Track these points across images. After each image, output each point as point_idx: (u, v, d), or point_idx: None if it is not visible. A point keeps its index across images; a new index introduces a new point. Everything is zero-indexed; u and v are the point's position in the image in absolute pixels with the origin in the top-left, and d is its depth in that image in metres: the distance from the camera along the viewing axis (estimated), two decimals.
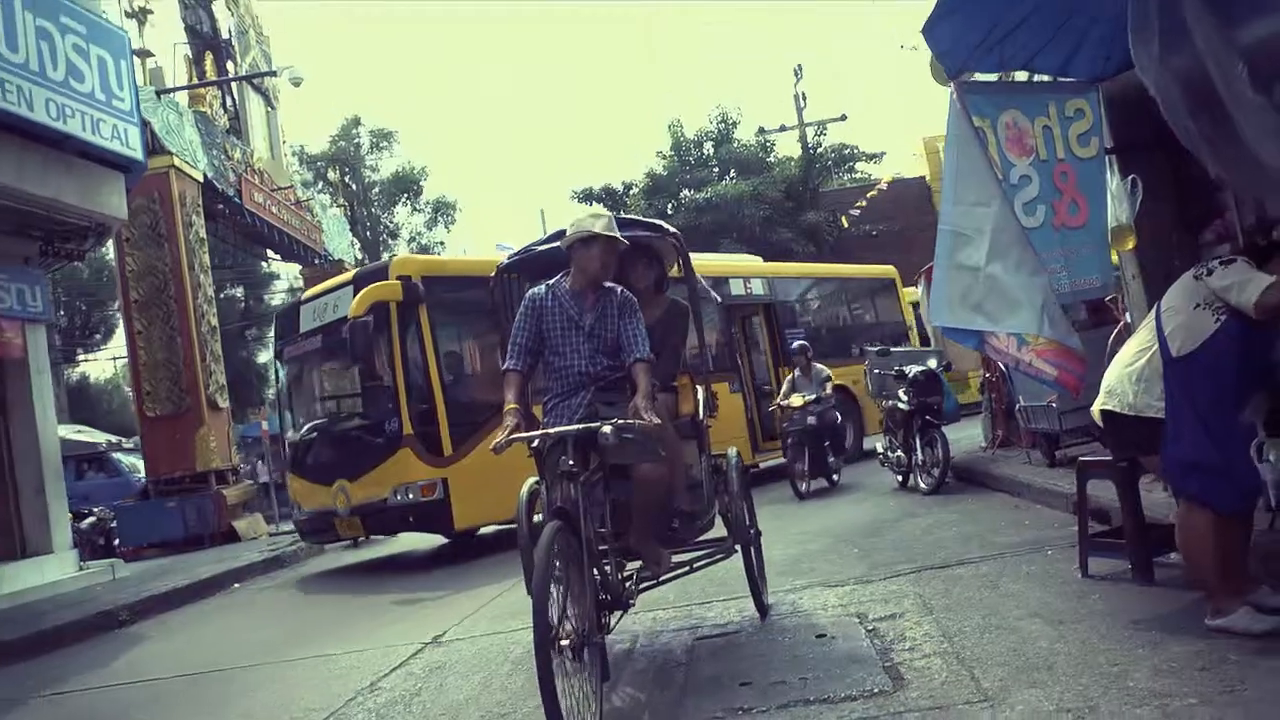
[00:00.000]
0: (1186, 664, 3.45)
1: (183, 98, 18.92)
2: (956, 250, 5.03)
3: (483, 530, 10.58)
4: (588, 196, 30.77)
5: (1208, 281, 3.87)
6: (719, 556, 5.11)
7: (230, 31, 22.74)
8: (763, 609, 5.21)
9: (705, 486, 5.08)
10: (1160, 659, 3.54)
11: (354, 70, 67.72)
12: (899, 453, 10.17)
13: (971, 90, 5.08)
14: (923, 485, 9.56)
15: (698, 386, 5.40)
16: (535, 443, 4.09)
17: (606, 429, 3.80)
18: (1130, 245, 5.70)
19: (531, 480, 4.76)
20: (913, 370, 9.95)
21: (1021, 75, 5.74)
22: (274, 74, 19.35)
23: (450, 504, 9.70)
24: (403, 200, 37.20)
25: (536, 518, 4.61)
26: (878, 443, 11.33)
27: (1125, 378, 4.17)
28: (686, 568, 4.90)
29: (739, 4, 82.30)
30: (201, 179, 18.24)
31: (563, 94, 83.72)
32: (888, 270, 18.16)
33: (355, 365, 10.14)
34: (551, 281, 4.63)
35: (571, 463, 3.88)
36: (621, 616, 4.35)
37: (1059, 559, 5.43)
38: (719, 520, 5.18)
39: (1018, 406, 9.07)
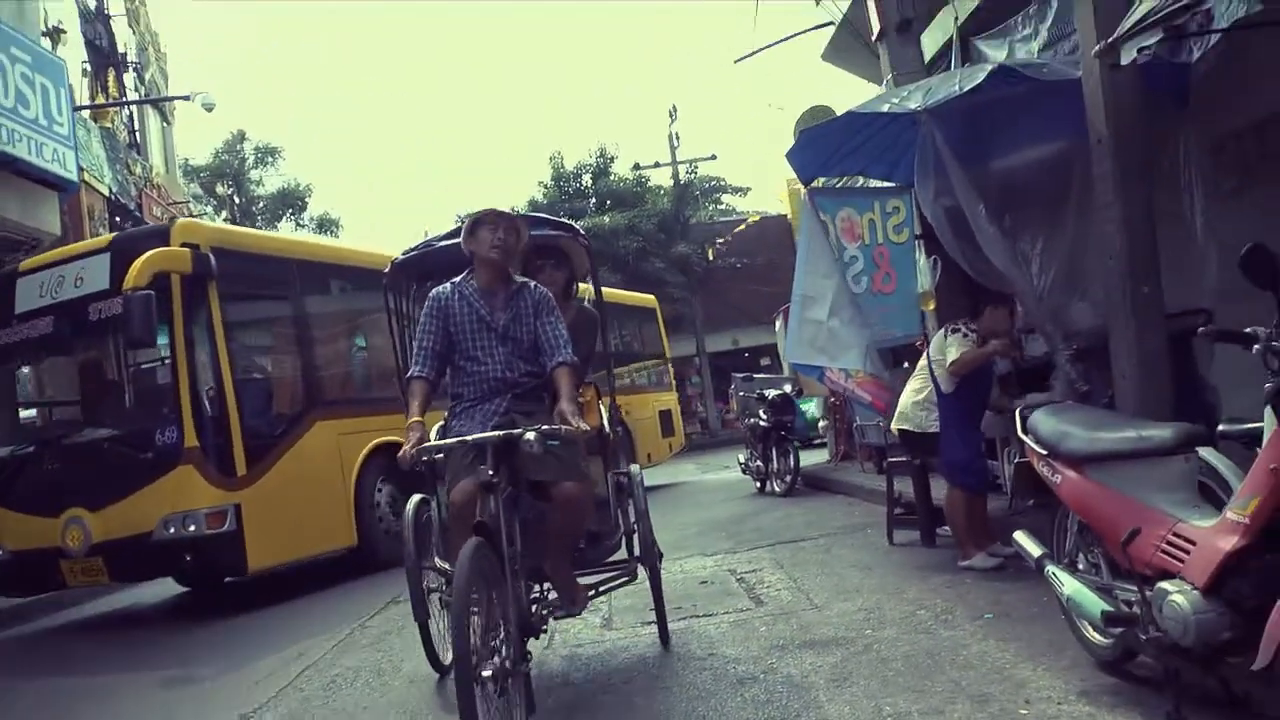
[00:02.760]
0: (941, 585, 5.43)
1: (86, 113, 19.63)
2: (806, 309, 6.96)
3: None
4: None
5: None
6: (624, 580, 4.75)
7: (128, 48, 23.39)
8: (666, 637, 4.87)
9: (612, 505, 4.78)
10: (927, 584, 5.52)
11: (240, 85, 66.93)
12: (758, 462, 12.17)
13: (819, 194, 7.04)
14: (777, 489, 11.58)
15: (600, 400, 5.13)
16: (426, 455, 3.73)
17: (530, 435, 3.38)
18: (931, 306, 7.76)
19: (417, 497, 4.72)
20: (771, 393, 12.00)
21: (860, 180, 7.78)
22: (187, 99, 20.22)
23: (243, 537, 7.58)
24: (287, 215, 37.79)
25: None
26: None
27: (912, 406, 6.17)
28: (592, 591, 4.52)
29: (619, 45, 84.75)
30: (107, 193, 19.03)
31: (446, 119, 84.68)
32: (649, 299, 17.94)
33: (133, 350, 8.07)
34: (457, 280, 4.21)
35: (491, 473, 3.44)
36: (527, 643, 3.75)
37: (875, 535, 7.42)
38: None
39: (855, 425, 11.19)
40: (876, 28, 8.03)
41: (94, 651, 7.14)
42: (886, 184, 7.63)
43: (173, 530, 7.39)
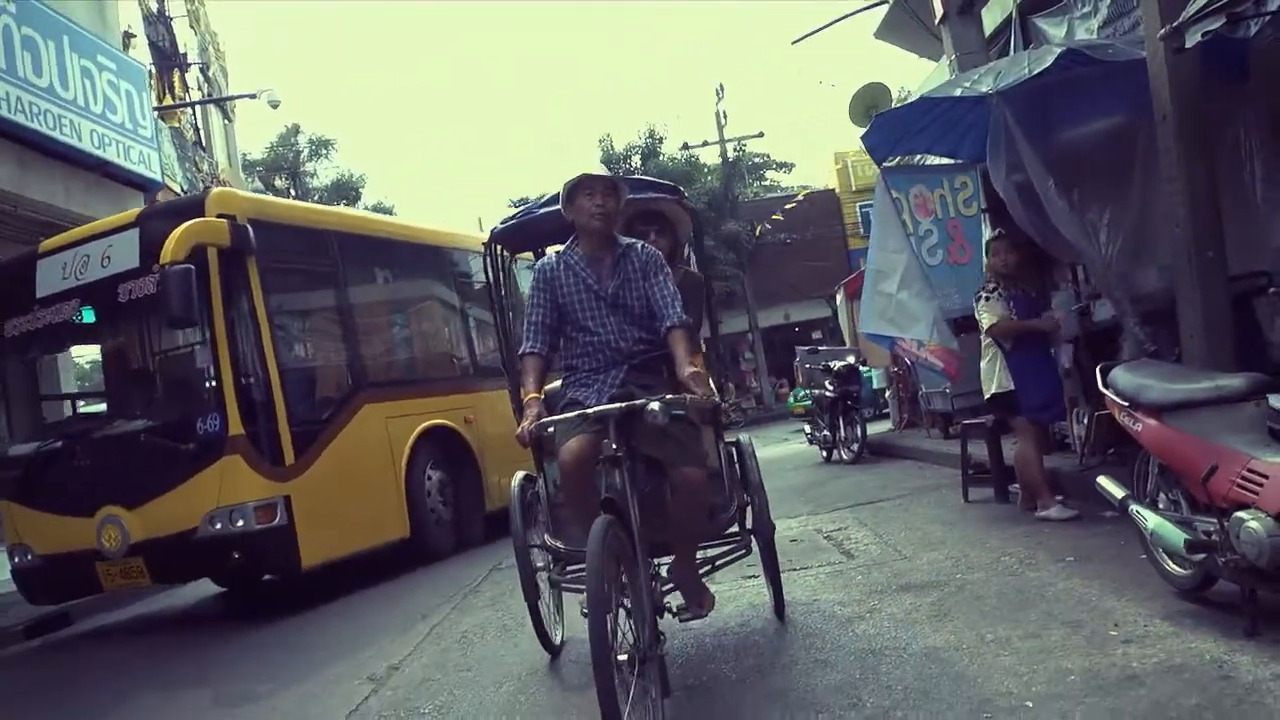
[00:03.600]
0: (1021, 535, 5.84)
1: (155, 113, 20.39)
2: (878, 282, 7.36)
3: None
4: (524, 204, 32.71)
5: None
6: (740, 553, 4.59)
7: (188, 48, 24.13)
8: (781, 609, 4.76)
9: (725, 477, 4.51)
10: (1007, 534, 5.93)
11: (295, 78, 68.04)
12: (825, 431, 12.59)
13: (891, 173, 7.43)
14: (845, 457, 12.01)
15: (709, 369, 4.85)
16: (545, 432, 3.62)
17: (655, 405, 3.22)
18: None
19: (521, 473, 4.68)
20: (836, 364, 12.41)
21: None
22: (254, 97, 20.90)
23: (295, 532, 7.13)
24: (342, 205, 38.62)
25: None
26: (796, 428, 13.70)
27: (987, 371, 6.56)
28: (709, 566, 4.47)
29: (664, 25, 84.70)
30: (180, 191, 19.79)
31: (499, 105, 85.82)
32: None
33: (174, 329, 7.55)
34: (562, 249, 4.11)
35: (616, 446, 3.35)
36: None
37: (949, 495, 7.82)
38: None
39: (920, 393, 11.57)
40: (940, 12, 8.35)
41: (209, 639, 7.12)
42: (952, 160, 8.00)
43: (219, 526, 6.92)
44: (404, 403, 8.83)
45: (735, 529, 4.62)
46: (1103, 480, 4.26)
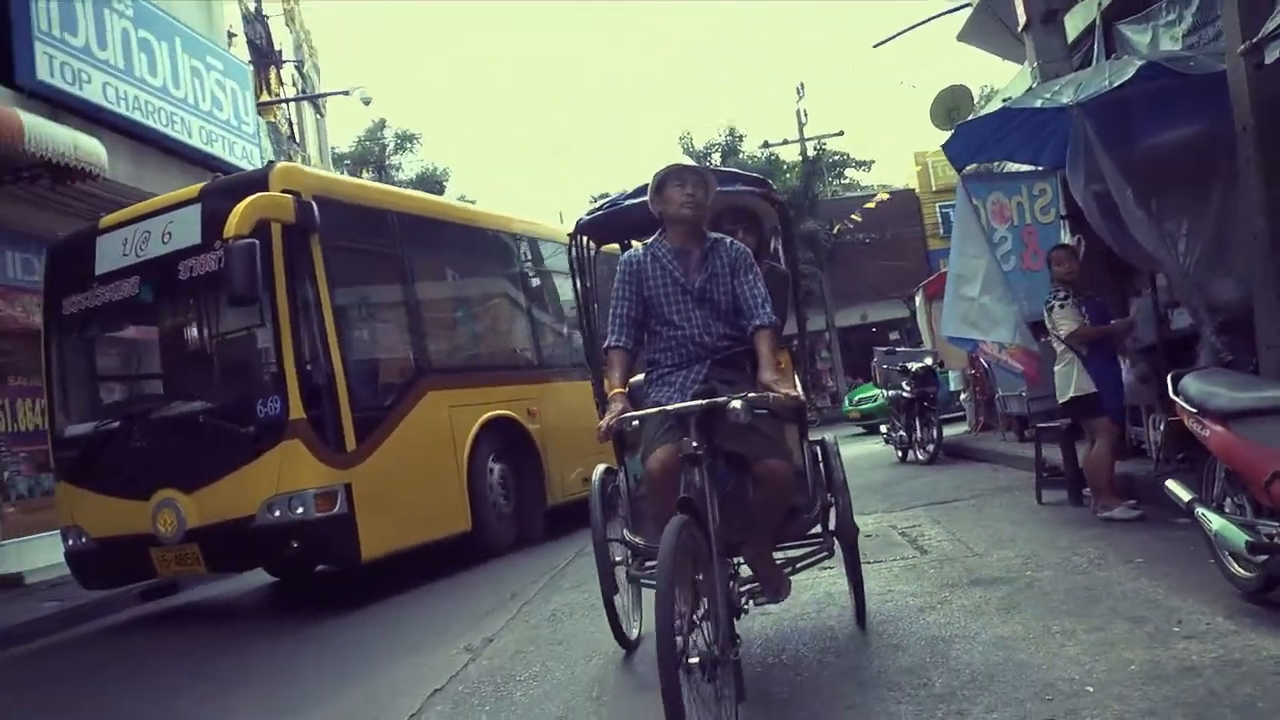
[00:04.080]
0: (1091, 536, 5.99)
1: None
2: (959, 286, 7.54)
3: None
4: (605, 199, 33.12)
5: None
6: (821, 555, 4.48)
7: (283, 46, 24.95)
8: (862, 616, 4.61)
9: (809, 476, 4.44)
10: (1077, 535, 6.08)
11: (382, 73, 69.57)
12: (901, 432, 12.72)
13: (971, 180, 7.60)
14: (920, 457, 12.13)
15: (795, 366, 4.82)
16: (627, 427, 3.61)
17: (737, 403, 3.21)
18: None
19: (602, 466, 4.62)
20: (914, 366, 12.53)
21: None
22: (346, 94, 21.60)
23: (355, 521, 6.95)
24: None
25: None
26: None
27: (1064, 375, 6.69)
28: (790, 566, 4.33)
29: (746, 24, 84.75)
30: None
31: (583, 101, 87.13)
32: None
33: (235, 307, 7.02)
34: (648, 241, 4.09)
35: (696, 444, 3.27)
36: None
37: (1023, 496, 7.95)
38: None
39: (996, 396, 11.64)
40: (1023, 19, 8.46)
41: (286, 624, 7.06)
42: (1033, 168, 8.12)
43: (278, 514, 6.74)
44: (468, 391, 8.65)
45: (818, 530, 4.50)
46: (1171, 484, 4.43)
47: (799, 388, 4.47)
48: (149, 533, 7.10)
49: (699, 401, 3.39)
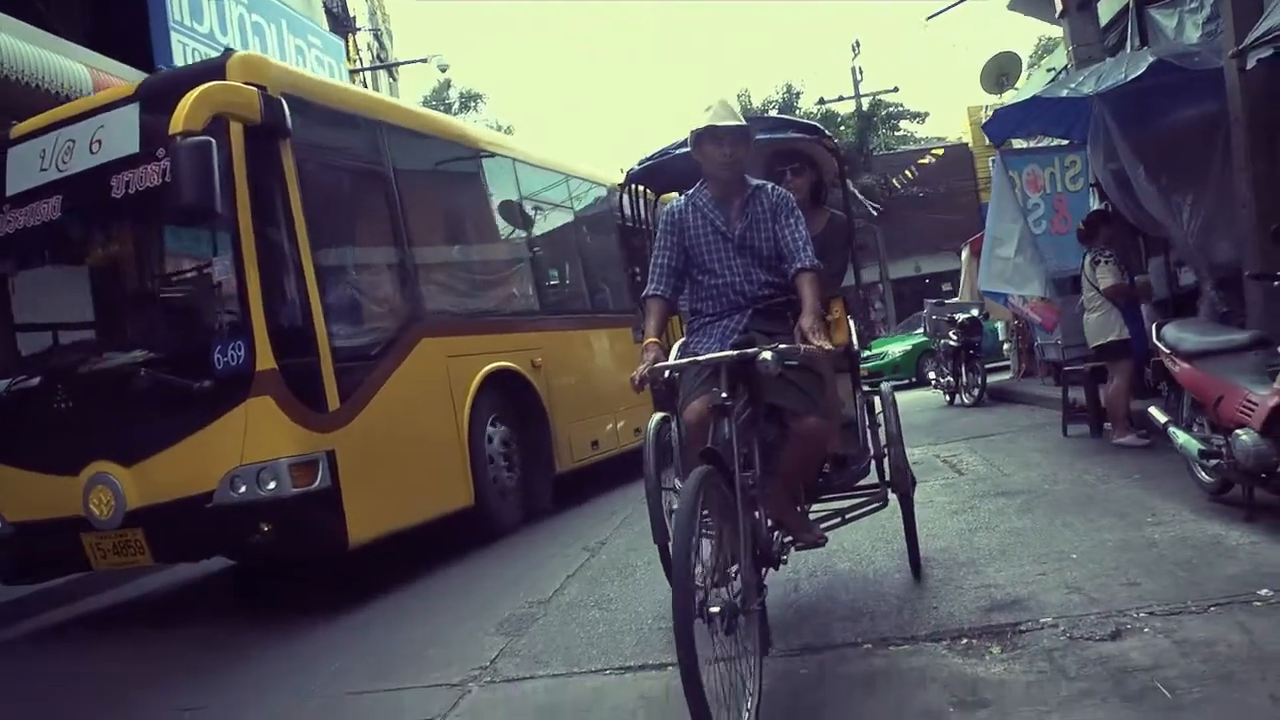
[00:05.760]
0: (1103, 460, 7.16)
1: None
2: (995, 248, 8.67)
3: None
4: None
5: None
6: (874, 506, 4.42)
7: (356, 14, 26.14)
8: (917, 566, 4.58)
9: (859, 426, 4.49)
10: (1091, 460, 7.25)
11: (444, 33, 70.64)
12: (949, 377, 13.85)
13: (1007, 154, 8.71)
14: (966, 401, 13.28)
15: (849, 316, 4.63)
16: (670, 372, 3.55)
17: (767, 355, 3.16)
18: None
19: (659, 415, 4.35)
20: (961, 317, 13.63)
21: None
22: (424, 61, 22.82)
23: (341, 497, 5.61)
24: None
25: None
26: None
27: (1101, 324, 7.74)
28: (839, 518, 4.25)
29: None
30: None
31: (639, 59, 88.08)
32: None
33: (186, 226, 5.87)
34: (690, 191, 4.02)
35: (725, 395, 3.22)
36: (767, 575, 3.57)
37: (1052, 430, 9.10)
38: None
39: (1036, 344, 12.71)
40: (1059, 6, 9.46)
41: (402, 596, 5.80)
42: (1064, 142, 9.16)
43: (243, 490, 5.37)
44: (467, 339, 7.29)
45: (873, 481, 4.53)
46: (1152, 409, 5.60)
47: (854, 336, 4.55)
48: (80, 515, 5.65)
49: (729, 353, 3.35)
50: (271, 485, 5.39)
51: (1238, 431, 4.60)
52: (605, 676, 3.86)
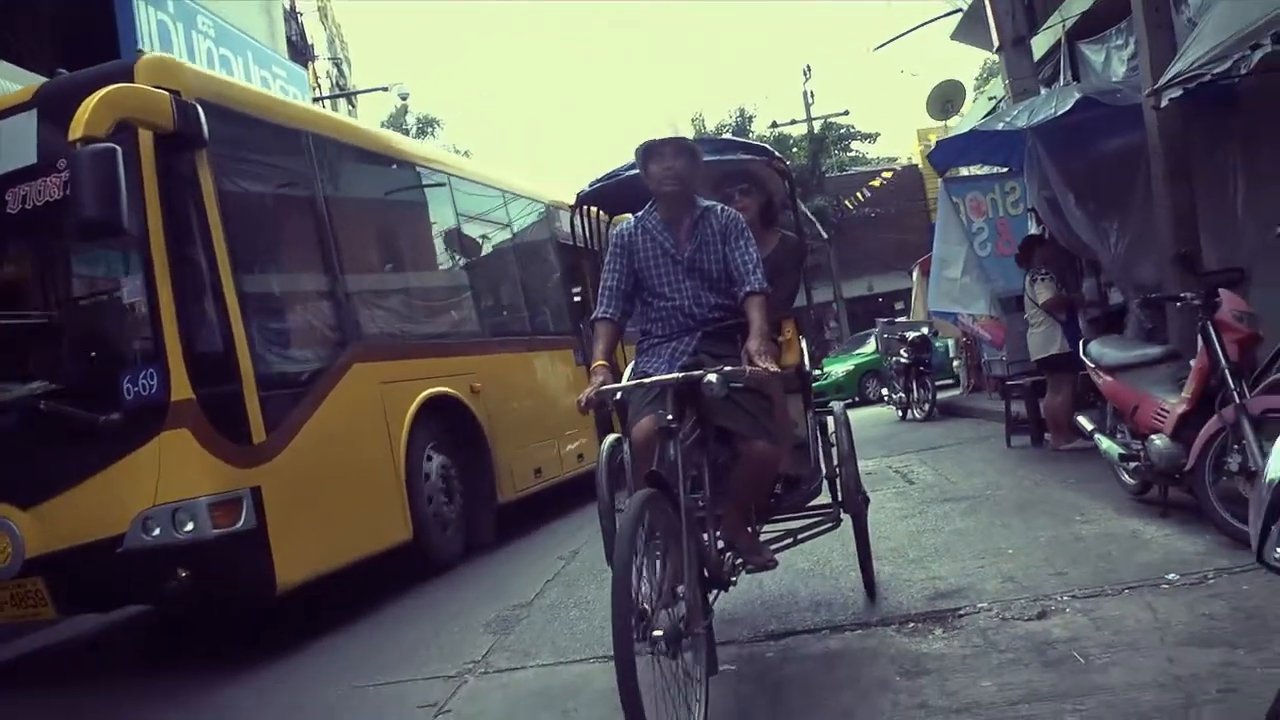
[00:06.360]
0: (1042, 468, 7.70)
1: None
2: (943, 269, 9.22)
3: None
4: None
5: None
6: (827, 526, 4.45)
7: (314, 42, 26.44)
8: (871, 585, 4.59)
9: (811, 447, 4.53)
10: (1032, 467, 7.80)
11: (399, 59, 71.06)
12: (900, 394, 14.43)
13: (951, 182, 9.27)
14: (918, 415, 13.86)
15: (801, 336, 4.71)
16: (619, 394, 3.58)
17: (712, 378, 3.18)
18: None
19: (613, 436, 4.45)
20: (911, 335, 14.23)
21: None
22: (386, 89, 23.19)
23: (268, 538, 5.20)
24: None
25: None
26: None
27: (1044, 338, 8.29)
28: (790, 539, 4.28)
29: (753, 15, 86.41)
30: None
31: (595, 85, 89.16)
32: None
33: (88, 241, 5.17)
34: (640, 213, 4.00)
35: (670, 417, 3.23)
36: (717, 598, 3.58)
37: (997, 442, 9.66)
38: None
39: (983, 360, 13.33)
40: (996, 42, 10.08)
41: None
42: (1004, 169, 9.76)
43: (157, 532, 4.95)
44: (402, 364, 6.91)
45: (826, 501, 4.55)
46: (1080, 418, 6.13)
47: (806, 357, 4.67)
48: None
49: (674, 375, 3.39)
50: (189, 527, 4.96)
51: (1152, 437, 5.13)
52: (590, 665, 4.25)
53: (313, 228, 6.43)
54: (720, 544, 3.66)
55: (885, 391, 15.38)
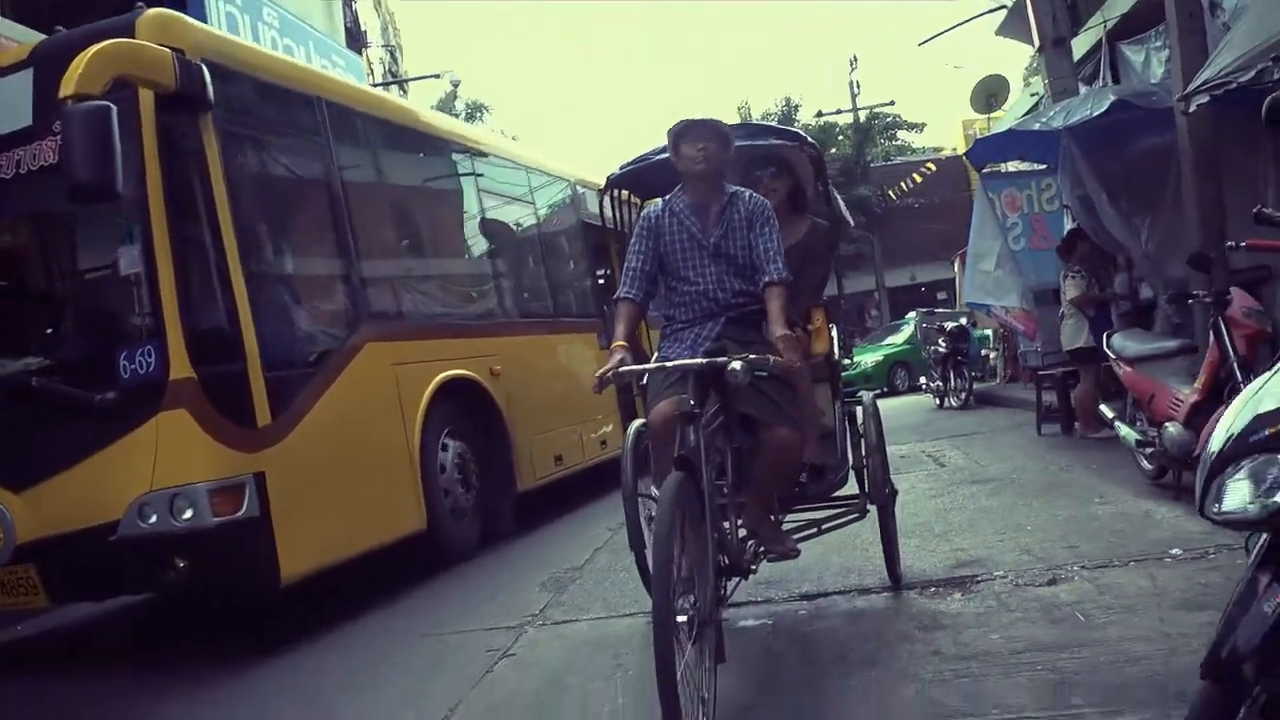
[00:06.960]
0: (1069, 454, 8.04)
1: None
2: (977, 262, 9.55)
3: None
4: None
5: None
6: (852, 517, 4.41)
7: (367, 28, 26.97)
8: (896, 577, 4.59)
9: (838, 437, 4.47)
10: (1059, 454, 8.14)
11: (451, 44, 71.84)
12: (937, 382, 14.74)
13: (988, 178, 9.60)
14: (954, 404, 14.17)
15: (831, 323, 4.62)
16: (645, 378, 3.59)
17: (736, 365, 3.15)
18: None
19: (638, 422, 4.30)
20: (949, 325, 14.54)
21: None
22: (437, 77, 23.69)
23: (271, 527, 4.92)
24: None
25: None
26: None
27: (1073, 331, 8.61)
28: (815, 529, 4.27)
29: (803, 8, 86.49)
30: None
31: (644, 74, 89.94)
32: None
33: (81, 204, 4.61)
34: (668, 197, 3.99)
35: (693, 402, 3.19)
36: (738, 586, 3.69)
37: (1028, 430, 9.98)
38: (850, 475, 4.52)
39: (1019, 351, 13.60)
40: (1037, 42, 10.36)
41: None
42: (1041, 166, 10.05)
43: (154, 519, 4.67)
44: (418, 344, 6.59)
45: (852, 492, 4.50)
46: (1103, 406, 6.49)
47: (835, 346, 4.61)
48: None
49: (698, 360, 3.38)
50: (188, 514, 4.66)
51: (1167, 425, 5.49)
52: (638, 619, 4.67)
53: (325, 199, 6.11)
54: (742, 532, 3.70)
55: (923, 380, 15.69)
